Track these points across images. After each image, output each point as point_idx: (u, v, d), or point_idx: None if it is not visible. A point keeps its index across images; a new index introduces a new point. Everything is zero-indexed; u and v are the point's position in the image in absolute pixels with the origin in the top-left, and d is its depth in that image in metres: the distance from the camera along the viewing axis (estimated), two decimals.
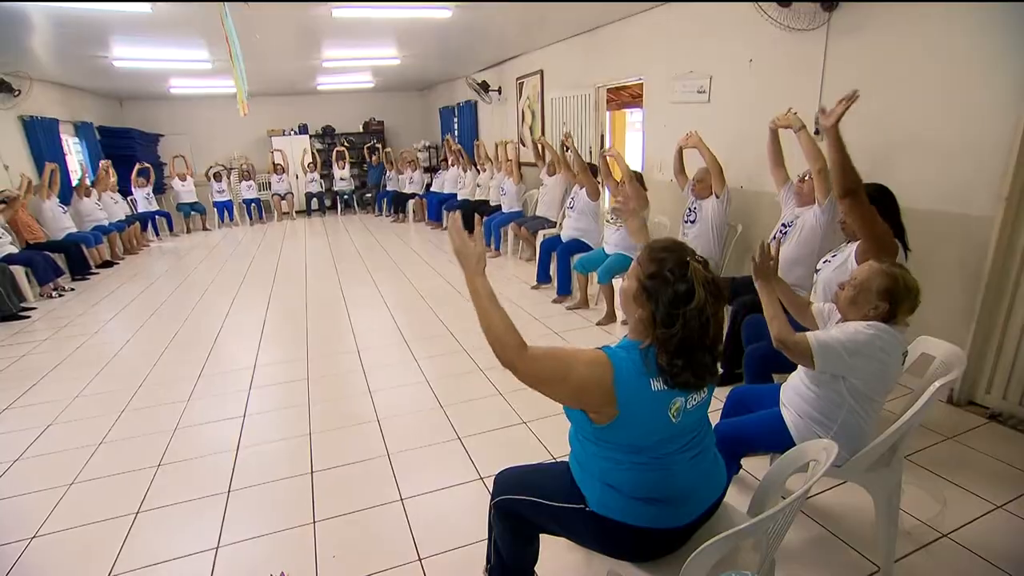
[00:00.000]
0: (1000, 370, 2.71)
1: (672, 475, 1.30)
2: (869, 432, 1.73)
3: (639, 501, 1.31)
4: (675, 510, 1.32)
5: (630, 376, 1.22)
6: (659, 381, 1.23)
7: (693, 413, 1.30)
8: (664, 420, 1.24)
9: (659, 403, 1.24)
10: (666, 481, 1.30)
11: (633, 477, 1.29)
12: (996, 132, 2.55)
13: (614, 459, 1.30)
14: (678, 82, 4.60)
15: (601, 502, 1.34)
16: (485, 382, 3.31)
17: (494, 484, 1.59)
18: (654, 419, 1.24)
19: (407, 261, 6.73)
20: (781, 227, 3.08)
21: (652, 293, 1.21)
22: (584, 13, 5.12)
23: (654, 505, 1.31)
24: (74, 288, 6.19)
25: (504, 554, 1.59)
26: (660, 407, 1.24)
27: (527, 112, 7.65)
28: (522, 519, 1.51)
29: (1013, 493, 2.15)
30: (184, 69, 7.26)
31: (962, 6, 2.62)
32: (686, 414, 1.27)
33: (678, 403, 1.25)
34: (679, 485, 1.31)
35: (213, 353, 4.04)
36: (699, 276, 1.19)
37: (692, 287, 1.18)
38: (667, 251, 1.24)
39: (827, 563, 1.87)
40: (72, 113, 8.18)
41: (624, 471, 1.30)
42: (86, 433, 2.95)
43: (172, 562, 2.00)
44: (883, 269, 1.68)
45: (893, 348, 1.64)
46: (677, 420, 1.25)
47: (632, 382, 1.22)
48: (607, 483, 1.33)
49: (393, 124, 12.38)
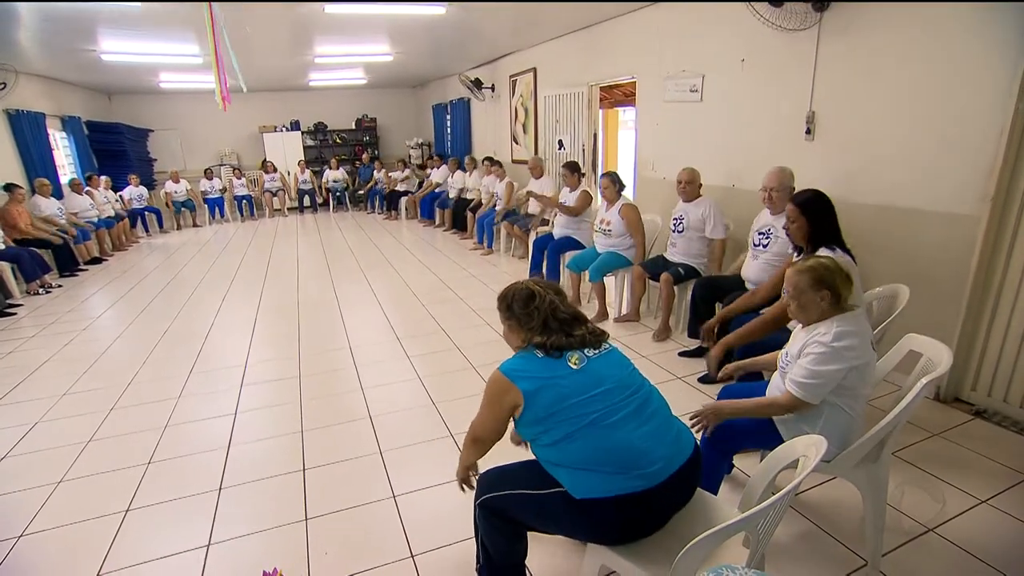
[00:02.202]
0: (985, 367, 2.76)
1: (617, 436, 1.39)
2: (856, 428, 1.76)
3: (600, 473, 1.38)
4: (640, 471, 1.37)
5: (515, 362, 1.48)
6: (539, 351, 1.48)
7: (601, 363, 1.47)
8: (564, 368, 1.44)
9: (553, 362, 1.45)
10: (611, 442, 1.38)
11: (581, 447, 1.39)
12: (983, 132, 2.58)
13: (561, 436, 1.40)
14: (671, 81, 4.61)
15: (572, 485, 1.40)
16: (477, 379, 3.32)
17: (477, 485, 1.63)
18: (556, 375, 1.43)
19: (399, 258, 6.71)
20: (757, 234, 3.17)
21: (511, 315, 1.55)
22: (577, 12, 5.12)
23: (615, 473, 1.37)
24: (62, 284, 6.12)
25: (493, 552, 1.61)
26: (556, 364, 1.45)
27: (520, 110, 7.65)
28: (507, 516, 1.54)
29: (997, 488, 2.19)
30: (174, 63, 7.17)
31: (950, 6, 2.65)
32: (590, 361, 1.46)
33: (574, 356, 1.46)
34: (631, 446, 1.39)
35: (204, 350, 4.01)
36: (531, 284, 1.57)
37: (530, 291, 1.55)
38: (504, 295, 1.59)
39: (815, 557, 1.90)
40: (59, 107, 8.07)
41: (572, 444, 1.40)
42: (74, 430, 2.92)
43: (163, 560, 1.99)
44: (798, 268, 1.77)
45: (858, 345, 1.66)
46: (580, 366, 1.45)
47: (517, 363, 1.48)
48: (566, 465, 1.42)
49: (386, 121, 12.33)
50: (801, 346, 1.75)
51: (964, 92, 2.64)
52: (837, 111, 3.28)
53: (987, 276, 2.69)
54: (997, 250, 2.64)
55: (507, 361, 1.51)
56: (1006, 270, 2.63)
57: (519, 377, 1.44)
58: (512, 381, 1.44)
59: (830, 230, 2.46)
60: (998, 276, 2.66)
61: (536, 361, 1.47)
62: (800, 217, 2.48)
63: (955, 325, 2.77)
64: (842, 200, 3.27)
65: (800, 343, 1.76)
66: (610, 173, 4.30)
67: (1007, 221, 2.59)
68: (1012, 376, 2.65)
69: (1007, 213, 2.59)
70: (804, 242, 2.51)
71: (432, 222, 8.94)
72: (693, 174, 3.80)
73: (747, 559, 1.35)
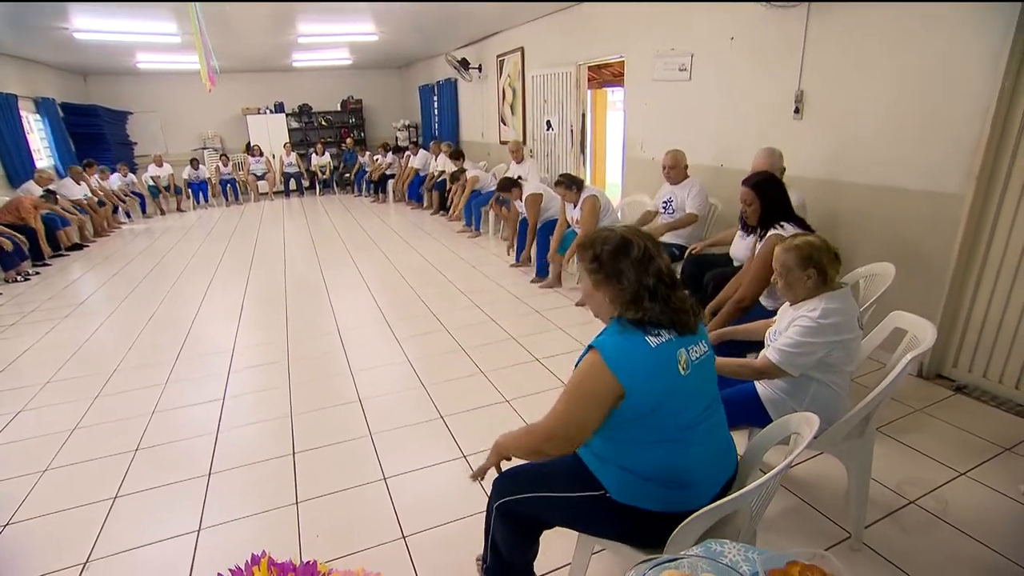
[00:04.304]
0: (967, 344, 2.81)
1: (689, 451, 1.28)
2: (842, 405, 1.78)
3: (656, 484, 1.28)
4: (692, 491, 1.30)
5: (618, 347, 1.23)
6: (649, 336, 1.23)
7: (701, 369, 1.29)
8: (674, 373, 1.23)
9: (662, 357, 1.23)
10: (683, 457, 1.27)
11: (651, 456, 1.27)
12: (968, 111, 2.59)
13: (633, 439, 1.28)
14: (659, 60, 4.57)
15: (619, 488, 1.32)
16: (467, 361, 3.32)
17: (493, 487, 1.51)
18: (664, 374, 1.23)
19: (387, 241, 6.65)
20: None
21: (600, 268, 1.28)
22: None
23: (671, 488, 1.28)
24: (39, 272, 6.00)
25: (507, 554, 1.55)
26: (665, 361, 1.23)
27: (508, 90, 7.55)
28: (527, 519, 1.46)
29: (976, 461, 2.24)
30: (151, 43, 6.97)
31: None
32: (695, 367, 1.26)
33: (683, 355, 1.25)
34: (696, 462, 1.29)
35: (190, 336, 3.96)
36: (624, 230, 1.31)
37: (623, 238, 1.28)
38: (590, 240, 1.33)
39: (801, 530, 1.94)
40: (32, 89, 7.82)
41: (642, 450, 1.27)
42: (59, 419, 2.88)
43: (152, 546, 1.98)
44: (785, 247, 1.78)
45: (844, 322, 1.68)
46: (687, 372, 1.24)
47: (622, 348, 1.23)
48: (623, 467, 1.30)
49: (372, 102, 12.13)
50: (789, 321, 1.76)
51: (951, 71, 2.64)
52: (825, 90, 3.28)
53: (970, 254, 2.72)
54: (980, 228, 2.67)
55: (606, 341, 1.25)
56: (988, 248, 2.66)
57: (622, 367, 1.20)
58: (614, 373, 1.20)
59: (780, 209, 2.50)
60: (980, 254, 2.69)
61: (642, 350, 1.22)
62: (755, 200, 2.52)
63: (938, 303, 2.80)
64: (830, 179, 3.30)
65: (788, 319, 1.78)
66: (561, 179, 4.28)
67: (990, 200, 2.62)
68: (992, 352, 2.70)
69: (991, 192, 2.61)
70: (757, 223, 2.55)
71: (420, 204, 8.86)
72: (677, 158, 3.79)
73: (740, 536, 1.37)
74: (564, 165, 6.40)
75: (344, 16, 6.20)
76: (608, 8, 5.18)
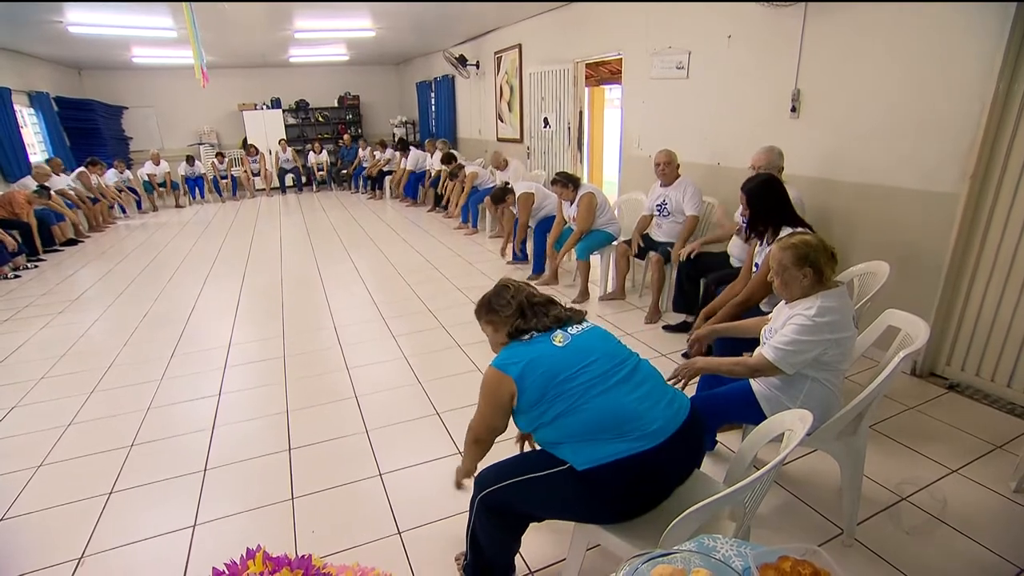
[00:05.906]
0: (960, 343, 2.82)
1: (611, 402, 1.41)
2: (836, 402, 1.80)
3: (600, 440, 1.38)
4: (641, 432, 1.38)
5: (503, 354, 1.54)
6: (524, 338, 1.55)
7: (584, 337, 1.53)
8: (551, 348, 1.49)
9: (537, 343, 1.52)
10: (609, 410, 1.40)
11: (582, 419, 1.40)
12: (964, 110, 2.60)
13: (557, 414, 1.42)
14: (657, 58, 4.57)
15: (576, 458, 1.40)
16: (463, 357, 3.32)
17: (475, 484, 1.58)
18: (541, 352, 1.48)
19: (384, 238, 6.64)
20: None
21: (491, 312, 1.62)
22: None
23: (617, 438, 1.38)
24: (37, 266, 5.97)
25: (488, 550, 1.59)
26: (540, 344, 1.51)
27: (505, 87, 7.54)
28: (509, 510, 1.51)
29: (968, 458, 2.26)
30: (146, 37, 6.92)
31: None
32: (575, 337, 1.52)
33: (559, 335, 1.53)
34: (626, 409, 1.41)
35: (186, 332, 3.95)
36: (501, 282, 1.68)
37: (502, 284, 1.67)
38: (480, 300, 1.67)
39: (794, 527, 1.95)
40: (26, 83, 7.77)
41: (572, 419, 1.41)
42: (54, 415, 2.87)
43: (148, 540, 1.98)
44: (782, 245, 1.78)
45: (840, 320, 1.69)
46: (566, 343, 1.50)
47: (504, 354, 1.53)
48: (571, 438, 1.42)
49: (369, 99, 12.10)
50: (785, 319, 1.77)
51: (946, 72, 2.65)
52: (822, 89, 3.28)
53: (964, 253, 2.74)
54: (974, 227, 2.69)
55: (496, 357, 1.56)
56: (982, 248, 2.68)
57: (508, 365, 1.48)
58: (503, 371, 1.48)
59: (776, 214, 2.51)
60: (974, 253, 2.71)
61: (521, 347, 1.52)
62: (746, 207, 2.58)
63: (932, 301, 2.82)
64: (825, 178, 3.31)
65: (784, 317, 1.79)
66: (558, 177, 4.29)
67: (984, 199, 2.63)
68: (985, 351, 2.72)
69: (985, 191, 2.62)
70: (748, 227, 2.60)
71: (415, 201, 8.85)
72: (670, 155, 3.80)
73: (733, 532, 1.38)
74: (561, 162, 6.40)
75: (341, 12, 6.17)
76: (606, 6, 5.18)
